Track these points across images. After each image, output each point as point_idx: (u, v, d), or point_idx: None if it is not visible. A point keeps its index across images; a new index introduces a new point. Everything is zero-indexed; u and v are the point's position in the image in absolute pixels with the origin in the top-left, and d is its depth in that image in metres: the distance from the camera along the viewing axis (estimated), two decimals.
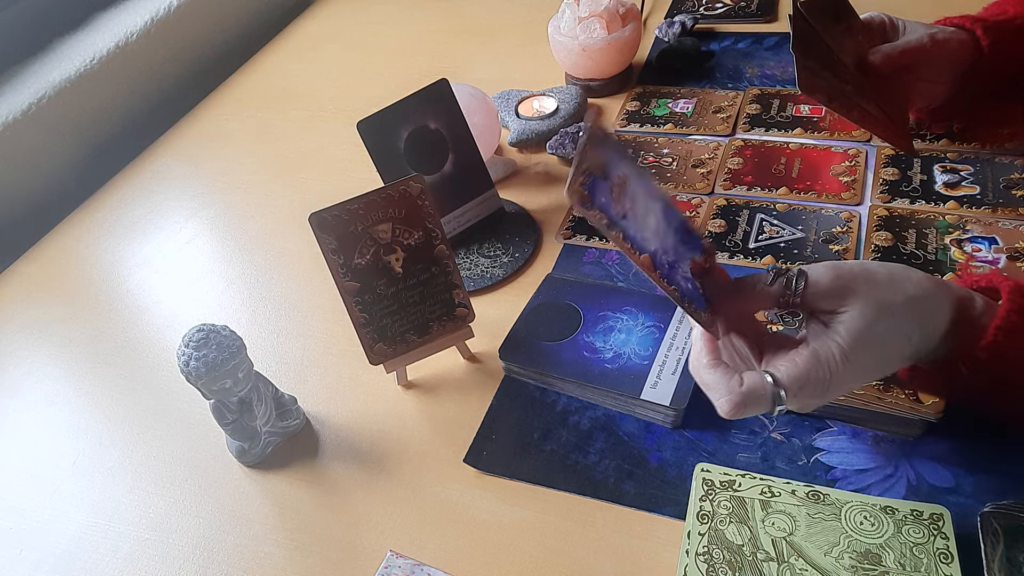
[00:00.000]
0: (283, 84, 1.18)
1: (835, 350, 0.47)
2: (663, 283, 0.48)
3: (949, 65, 0.74)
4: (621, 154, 0.48)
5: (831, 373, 0.47)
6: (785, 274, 0.49)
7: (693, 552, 0.52)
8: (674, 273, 0.50)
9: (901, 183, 0.78)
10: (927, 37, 0.73)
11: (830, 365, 0.47)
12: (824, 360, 0.47)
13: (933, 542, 0.50)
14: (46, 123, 1.00)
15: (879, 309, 0.48)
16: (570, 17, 0.97)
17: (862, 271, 0.49)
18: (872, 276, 0.49)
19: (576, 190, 0.46)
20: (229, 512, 0.62)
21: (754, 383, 0.48)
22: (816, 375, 0.47)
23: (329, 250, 0.62)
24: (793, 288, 0.49)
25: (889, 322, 0.48)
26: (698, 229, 0.50)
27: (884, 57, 0.73)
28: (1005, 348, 0.49)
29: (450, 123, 0.78)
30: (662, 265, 0.49)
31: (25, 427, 0.73)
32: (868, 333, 0.47)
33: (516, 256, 0.79)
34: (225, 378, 0.59)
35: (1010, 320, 0.49)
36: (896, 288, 0.49)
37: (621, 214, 0.48)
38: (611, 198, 0.47)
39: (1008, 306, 0.49)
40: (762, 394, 0.48)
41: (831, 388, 0.48)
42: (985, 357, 0.49)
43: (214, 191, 0.98)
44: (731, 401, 0.48)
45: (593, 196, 0.47)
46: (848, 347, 0.47)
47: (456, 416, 0.66)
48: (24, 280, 0.90)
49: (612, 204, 0.47)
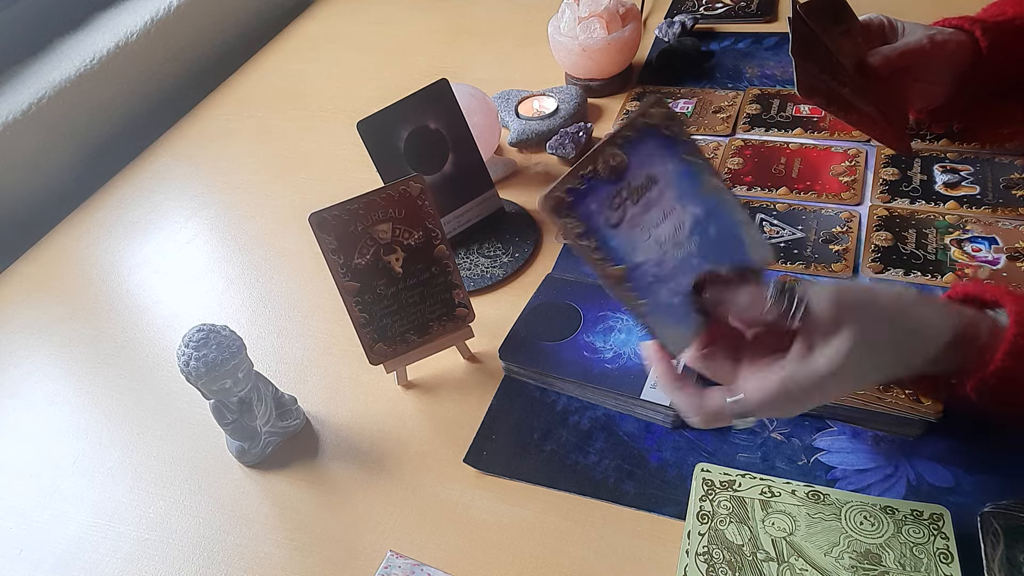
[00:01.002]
0: (283, 84, 1.18)
1: (808, 381, 0.47)
2: (629, 296, 0.48)
3: (948, 66, 0.74)
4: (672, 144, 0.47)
5: (798, 401, 0.48)
6: (787, 294, 0.48)
7: (693, 552, 0.52)
8: (657, 286, 0.49)
9: (901, 183, 0.78)
10: (926, 39, 0.73)
11: (799, 396, 0.48)
12: (794, 390, 0.47)
13: (933, 542, 0.50)
14: (46, 123, 1.00)
15: (866, 346, 0.47)
16: (570, 17, 0.97)
17: (864, 298, 0.48)
18: (873, 304, 0.48)
19: (557, 196, 0.45)
20: (229, 512, 0.62)
21: (714, 406, 0.49)
22: (782, 401, 0.48)
23: (329, 250, 0.62)
24: (791, 316, 0.48)
25: (874, 358, 0.48)
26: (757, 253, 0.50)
27: (883, 59, 0.73)
28: (1014, 372, 0.49)
29: (450, 123, 0.78)
30: (642, 277, 0.48)
31: (25, 427, 0.73)
32: (847, 368, 0.47)
33: (516, 256, 0.79)
34: (225, 378, 0.59)
35: (1018, 344, 0.48)
36: (893, 320, 0.48)
37: (612, 222, 0.47)
38: (608, 203, 0.46)
39: (1015, 330, 0.49)
40: (722, 415, 0.49)
41: (798, 409, 0.49)
42: (994, 383, 0.49)
43: (214, 191, 0.98)
44: (695, 420, 0.50)
45: (578, 202, 0.46)
46: (822, 378, 0.47)
47: (456, 416, 0.66)
48: (24, 280, 0.90)
49: (604, 210, 0.46)
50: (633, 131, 0.47)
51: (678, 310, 0.50)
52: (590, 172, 0.46)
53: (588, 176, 0.46)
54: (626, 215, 0.47)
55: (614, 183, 0.47)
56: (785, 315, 0.47)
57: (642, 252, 0.48)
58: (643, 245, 0.48)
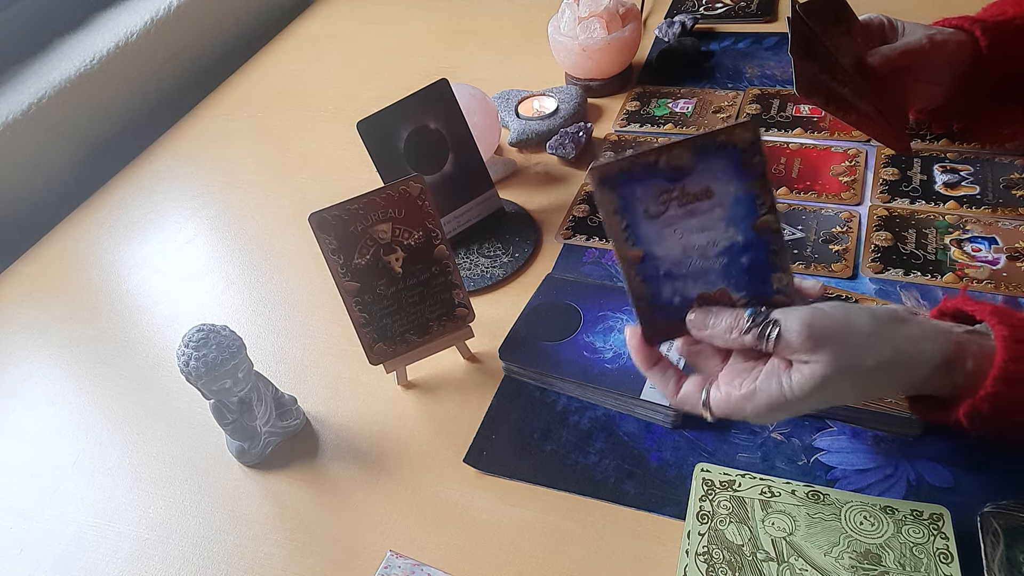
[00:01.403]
0: (283, 84, 1.18)
1: (776, 400, 0.48)
2: (636, 281, 0.51)
3: (948, 66, 0.74)
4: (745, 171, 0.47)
5: (762, 416, 0.49)
6: (762, 322, 0.48)
7: (693, 552, 0.52)
8: (665, 282, 0.51)
9: (901, 183, 0.78)
10: (925, 38, 0.73)
11: (763, 411, 0.48)
12: (759, 405, 0.48)
13: (933, 542, 0.50)
14: (46, 123, 1.00)
15: (842, 374, 0.46)
16: (570, 17, 0.97)
17: (841, 325, 0.47)
18: (850, 331, 0.47)
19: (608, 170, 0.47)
20: (229, 512, 0.62)
21: (687, 397, 0.52)
22: (744, 413, 0.49)
23: (329, 250, 0.62)
24: (765, 341, 0.48)
25: (848, 383, 0.47)
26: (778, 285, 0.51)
27: (882, 59, 0.73)
28: (1005, 397, 0.48)
29: (450, 123, 0.78)
30: (654, 268, 0.50)
31: (25, 427, 0.73)
32: (820, 392, 0.47)
33: (516, 256, 0.79)
34: (225, 378, 0.59)
35: (1008, 370, 0.48)
36: (871, 349, 0.47)
37: (652, 213, 0.49)
38: (655, 196, 0.48)
39: (1004, 355, 0.48)
40: (695, 406, 0.52)
41: (765, 420, 0.51)
42: (985, 408, 0.49)
43: (214, 191, 0.98)
44: (670, 401, 0.54)
45: (625, 183, 0.48)
46: (792, 399, 0.47)
47: (456, 416, 0.66)
48: (24, 280, 0.90)
49: (648, 200, 0.48)
50: (712, 143, 0.47)
51: (672, 311, 0.52)
52: (651, 162, 0.48)
53: (648, 165, 0.48)
54: (667, 212, 0.49)
55: (670, 181, 0.48)
56: (758, 341, 0.48)
57: (666, 248, 0.50)
58: (670, 242, 0.50)
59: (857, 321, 0.48)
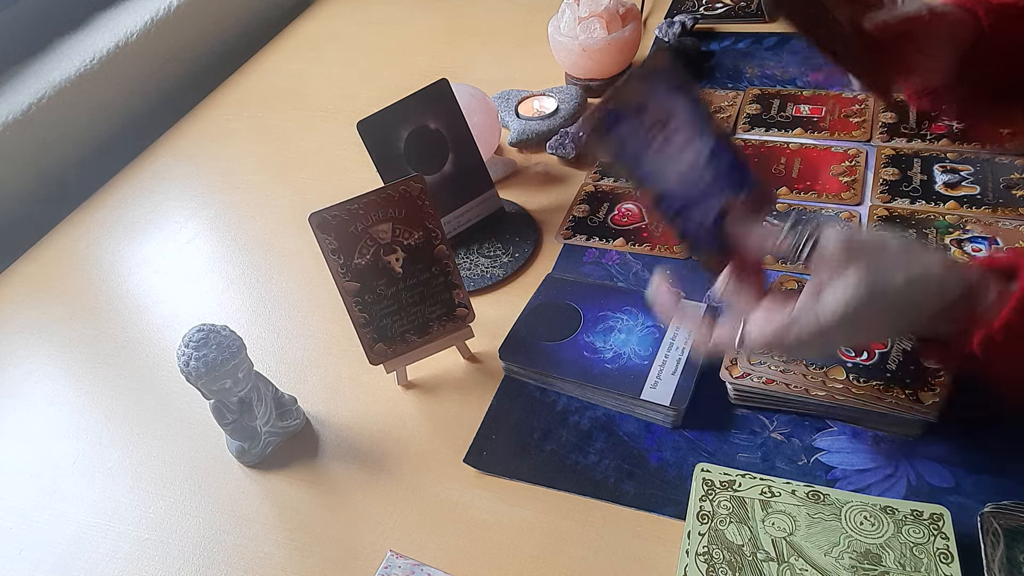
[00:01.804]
0: (283, 84, 1.18)
1: (812, 323, 0.49)
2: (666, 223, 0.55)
3: (949, 40, 0.72)
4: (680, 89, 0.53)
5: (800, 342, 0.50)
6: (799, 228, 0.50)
7: (693, 552, 0.52)
8: (687, 213, 0.55)
9: (901, 183, 0.78)
10: (926, 8, 0.72)
11: (802, 336, 0.49)
12: (796, 330, 0.49)
13: (933, 542, 0.50)
14: (46, 123, 1.00)
15: (874, 289, 0.48)
16: (570, 17, 0.97)
17: (876, 242, 0.50)
18: (884, 248, 0.49)
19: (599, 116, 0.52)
20: (229, 512, 0.62)
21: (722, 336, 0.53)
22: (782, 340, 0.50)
23: (329, 250, 0.62)
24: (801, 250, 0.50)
25: (881, 304, 0.48)
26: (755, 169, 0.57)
27: (880, 24, 0.72)
28: (1021, 328, 0.48)
29: (450, 123, 0.78)
30: (669, 207, 0.55)
31: (25, 427, 0.73)
32: (852, 311, 0.48)
33: (516, 256, 0.79)
34: (225, 378, 0.59)
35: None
36: (902, 265, 0.49)
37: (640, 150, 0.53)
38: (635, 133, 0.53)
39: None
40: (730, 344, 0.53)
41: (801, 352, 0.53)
42: (1000, 338, 0.49)
43: (214, 191, 0.98)
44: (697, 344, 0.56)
45: (613, 126, 0.52)
46: (825, 324, 0.48)
47: (456, 416, 0.66)
48: (24, 280, 0.90)
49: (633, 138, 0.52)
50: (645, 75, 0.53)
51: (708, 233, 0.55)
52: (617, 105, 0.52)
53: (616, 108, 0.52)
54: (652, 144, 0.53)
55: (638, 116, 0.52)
56: (796, 249, 0.50)
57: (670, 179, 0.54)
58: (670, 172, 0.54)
59: (890, 241, 0.50)
